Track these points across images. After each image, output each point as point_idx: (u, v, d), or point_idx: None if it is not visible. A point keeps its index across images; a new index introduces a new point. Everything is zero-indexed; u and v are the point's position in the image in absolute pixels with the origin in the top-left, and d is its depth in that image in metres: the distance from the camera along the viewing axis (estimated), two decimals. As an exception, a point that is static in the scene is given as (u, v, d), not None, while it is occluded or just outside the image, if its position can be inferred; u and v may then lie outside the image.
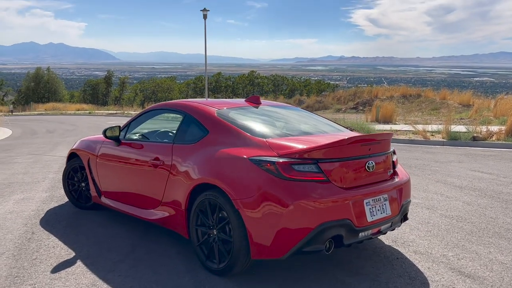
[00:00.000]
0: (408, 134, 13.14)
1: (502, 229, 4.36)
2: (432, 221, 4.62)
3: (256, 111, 4.04)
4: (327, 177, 3.04)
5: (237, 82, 56.38)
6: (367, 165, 3.24)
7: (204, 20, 26.04)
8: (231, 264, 3.16)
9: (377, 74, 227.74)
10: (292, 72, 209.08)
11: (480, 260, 3.58)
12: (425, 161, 8.59)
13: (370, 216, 3.16)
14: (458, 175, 7.09)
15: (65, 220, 4.71)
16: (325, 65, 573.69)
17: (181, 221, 3.61)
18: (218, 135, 3.52)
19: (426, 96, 28.00)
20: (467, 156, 9.12)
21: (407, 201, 3.58)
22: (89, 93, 60.14)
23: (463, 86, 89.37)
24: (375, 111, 19.74)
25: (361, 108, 27.77)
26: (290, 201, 2.92)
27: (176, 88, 59.58)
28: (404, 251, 3.80)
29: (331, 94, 36.36)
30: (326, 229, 2.95)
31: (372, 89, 32.31)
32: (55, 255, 3.71)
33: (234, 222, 3.09)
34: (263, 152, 3.15)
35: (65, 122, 25.50)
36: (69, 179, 5.23)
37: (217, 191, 3.23)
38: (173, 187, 3.67)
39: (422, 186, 6.30)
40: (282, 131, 3.65)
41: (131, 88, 62.83)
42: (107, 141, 4.61)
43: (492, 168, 7.69)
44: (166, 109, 4.32)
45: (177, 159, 3.68)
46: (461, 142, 11.19)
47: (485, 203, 5.31)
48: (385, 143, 3.44)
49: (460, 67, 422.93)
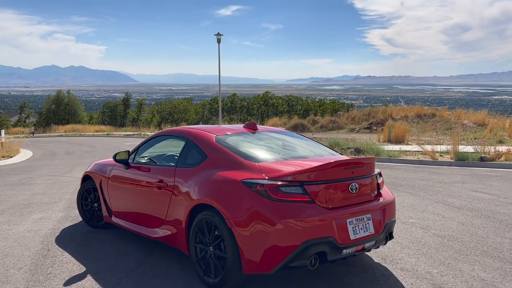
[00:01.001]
0: (417, 154, 13.28)
1: (490, 248, 4.54)
2: (424, 240, 4.82)
3: (252, 136, 4.37)
4: (312, 198, 3.32)
5: (252, 102, 57.03)
6: (350, 187, 3.52)
7: (218, 44, 26.78)
8: (225, 278, 3.44)
9: (393, 93, 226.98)
10: (308, 92, 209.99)
11: (462, 277, 3.78)
12: (429, 181, 8.75)
13: (353, 234, 3.42)
14: (459, 195, 7.25)
15: (78, 238, 5.07)
16: (340, 84, 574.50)
17: (181, 238, 3.92)
18: (215, 159, 3.86)
19: (441, 116, 27.99)
20: (472, 177, 9.24)
21: (391, 220, 3.82)
22: (107, 114, 61.59)
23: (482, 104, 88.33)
24: (387, 131, 19.87)
25: (375, 128, 27.87)
26: (277, 220, 3.21)
27: (192, 109, 60.56)
28: (391, 268, 4.02)
29: (345, 114, 36.55)
30: (310, 246, 3.22)
31: (387, 109, 32.36)
32: (67, 270, 4.05)
33: (227, 240, 3.39)
34: (254, 175, 3.46)
35: (84, 144, 26.27)
36: (83, 200, 5.62)
37: (213, 211, 3.55)
38: (175, 207, 4.00)
39: (421, 206, 6.48)
40: (275, 155, 3.96)
41: (148, 109, 64.12)
42: (118, 165, 4.98)
43: (495, 188, 7.82)
44: (170, 135, 4.69)
45: (179, 181, 4.02)
46: (469, 162, 11.29)
47: (479, 223, 5.48)
48: (368, 166, 3.71)
49: (478, 85, 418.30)
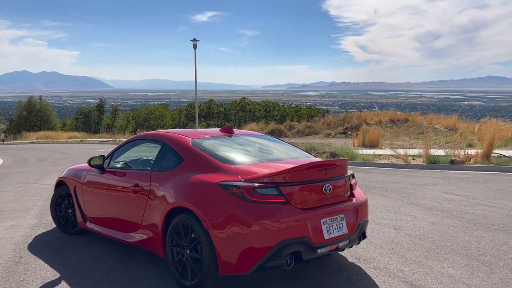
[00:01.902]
0: (390, 158, 13.56)
1: (459, 246, 4.71)
2: (396, 240, 4.95)
3: (228, 140, 4.41)
4: (287, 199, 3.39)
5: (229, 108, 57.04)
6: (324, 188, 3.60)
7: (194, 49, 26.75)
8: (202, 280, 3.46)
9: (367, 99, 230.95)
10: (284, 98, 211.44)
11: (432, 274, 3.91)
12: (402, 184, 8.96)
13: (327, 234, 3.50)
14: (430, 197, 7.46)
15: (52, 245, 4.99)
16: (316, 90, 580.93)
17: (158, 242, 3.92)
18: (191, 162, 3.88)
19: (414, 121, 28.69)
20: (443, 179, 9.51)
21: (364, 220, 3.92)
22: (81, 121, 60.50)
23: (453, 109, 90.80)
24: (361, 136, 20.21)
25: (350, 133, 28.30)
26: (253, 221, 3.26)
27: (169, 115, 60.13)
28: (365, 267, 4.12)
29: (321, 120, 37.03)
30: (286, 246, 3.28)
31: (361, 114, 32.96)
32: (41, 277, 3.99)
33: (204, 242, 3.41)
34: (230, 178, 3.50)
35: (57, 151, 25.71)
36: (57, 206, 5.53)
37: (190, 213, 3.57)
38: (151, 211, 4.00)
39: (394, 208, 6.65)
40: (251, 158, 4.01)
41: (123, 115, 63.30)
42: (92, 170, 4.94)
43: (464, 190, 8.08)
44: (146, 139, 4.69)
45: (155, 185, 4.02)
46: (440, 165, 11.61)
47: (448, 223, 5.67)
48: (341, 168, 3.81)
49: (449, 91, 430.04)
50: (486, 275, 3.88)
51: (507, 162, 11.06)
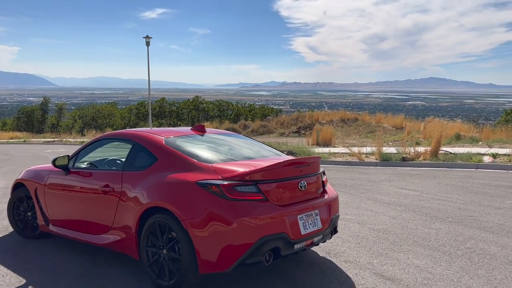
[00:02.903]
0: (345, 156, 14.00)
1: (420, 238, 4.98)
2: (362, 234, 5.16)
3: (201, 138, 4.40)
4: (265, 196, 3.45)
5: (181, 107, 56.28)
6: (300, 184, 3.70)
7: (147, 47, 26.18)
8: (181, 280, 3.44)
9: (318, 99, 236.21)
10: (237, 97, 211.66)
11: (400, 265, 4.12)
12: (359, 181, 9.29)
13: (304, 229, 3.59)
14: (387, 192, 7.80)
15: (12, 250, 4.74)
16: (268, 90, 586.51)
17: (131, 243, 3.85)
18: (166, 161, 3.84)
19: (363, 120, 29.70)
20: (396, 176, 9.96)
21: (336, 215, 4.06)
22: (23, 120, 57.32)
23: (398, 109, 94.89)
24: (315, 135, 20.69)
25: (303, 132, 28.85)
26: (233, 219, 3.29)
27: (118, 114, 58.36)
28: (335, 260, 4.27)
29: (275, 119, 37.42)
30: (265, 242, 3.33)
31: (313, 114, 33.66)
32: (5, 283, 3.79)
33: (182, 241, 3.39)
34: (208, 176, 3.50)
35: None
36: (15, 209, 5.25)
37: (167, 213, 3.53)
38: (123, 212, 3.91)
39: (355, 203, 6.90)
40: (226, 156, 4.03)
41: (69, 114, 60.70)
42: (56, 170, 4.74)
43: (417, 185, 8.51)
44: (115, 138, 4.57)
45: (127, 185, 3.93)
46: (392, 162, 12.14)
47: (408, 217, 5.97)
48: (314, 165, 3.92)
49: (394, 91, 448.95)
50: (447, 264, 4.14)
51: (453, 158, 11.76)
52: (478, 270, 3.99)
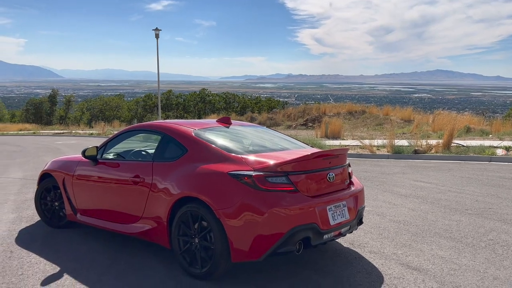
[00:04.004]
0: (356, 148, 14.03)
1: (441, 230, 5.03)
2: (383, 226, 5.22)
3: (228, 130, 4.46)
4: (296, 187, 3.51)
5: (188, 99, 56.34)
6: (328, 176, 3.76)
7: (156, 39, 26.22)
8: (213, 268, 3.53)
9: (323, 91, 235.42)
10: (242, 89, 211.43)
11: (424, 256, 4.18)
12: (373, 173, 9.34)
13: (333, 220, 3.66)
14: (402, 185, 7.85)
15: (41, 239, 4.85)
16: (273, 82, 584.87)
17: (162, 233, 3.93)
18: (196, 153, 3.91)
19: (371, 113, 29.61)
20: (410, 168, 9.99)
21: (362, 207, 4.13)
22: (31, 112, 57.65)
23: (404, 102, 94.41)
24: (324, 127, 20.68)
25: (311, 125, 28.84)
26: (265, 209, 3.36)
27: (125, 106, 58.57)
28: (360, 251, 4.34)
29: (282, 111, 37.37)
30: (296, 232, 3.41)
31: (320, 106, 33.59)
32: (40, 270, 3.89)
33: (215, 230, 3.47)
34: (240, 167, 3.57)
35: (9, 143, 24.42)
36: (42, 199, 5.36)
37: (199, 203, 3.61)
38: (154, 202, 3.99)
39: (372, 195, 6.95)
40: (254, 148, 4.10)
41: (77, 106, 60.99)
42: (84, 161, 4.83)
43: (432, 178, 8.54)
44: (143, 130, 4.65)
45: (157, 176, 4.01)
46: (404, 155, 12.16)
47: (427, 209, 6.02)
48: (342, 157, 3.98)
49: (400, 84, 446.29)
50: (472, 255, 4.19)
51: (465, 151, 11.76)
52: (503, 261, 4.04)
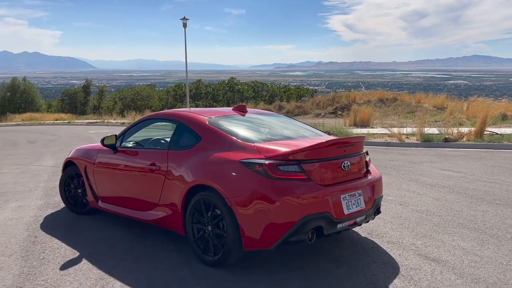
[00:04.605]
0: (384, 137, 13.74)
1: (465, 220, 4.86)
2: (404, 215, 5.09)
3: (243, 118, 4.44)
4: (308, 176, 3.46)
5: (217, 88, 56.62)
6: (343, 164, 3.68)
7: (184, 29, 26.36)
8: (226, 255, 3.54)
9: (354, 78, 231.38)
10: (271, 78, 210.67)
11: (445, 247, 4.05)
12: (400, 162, 9.12)
13: (347, 209, 3.59)
14: (429, 174, 7.63)
15: (64, 225, 5.01)
16: (303, 70, 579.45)
17: (177, 220, 3.97)
18: (210, 141, 3.91)
19: (402, 100, 28.88)
20: (439, 157, 9.70)
21: (379, 196, 4.03)
22: (67, 102, 59.47)
23: (439, 89, 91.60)
24: (353, 115, 20.35)
25: (340, 113, 28.44)
26: (277, 198, 3.33)
27: (156, 95, 59.49)
28: (378, 241, 4.25)
29: (311, 100, 36.99)
30: (308, 221, 3.36)
31: (350, 94, 33.03)
32: (61, 255, 4.02)
33: (227, 218, 3.48)
34: (251, 155, 3.54)
35: (45, 132, 25.35)
36: (66, 186, 5.52)
37: (211, 191, 3.61)
38: (169, 190, 4.03)
39: (396, 184, 6.79)
40: (267, 136, 4.05)
41: (110, 96, 62.43)
42: (104, 149, 4.93)
43: (461, 167, 8.26)
44: (159, 118, 4.69)
45: (172, 164, 4.04)
46: (434, 143, 11.81)
47: (452, 199, 5.83)
48: (358, 145, 3.88)
49: (435, 70, 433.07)
50: (496, 247, 4.03)
51: (499, 139, 11.29)
52: (529, 253, 3.87)
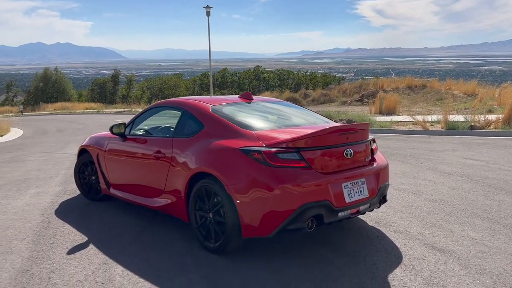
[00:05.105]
0: (408, 124, 13.43)
1: (479, 210, 4.70)
2: (416, 204, 4.97)
3: (248, 106, 4.41)
4: (308, 164, 3.41)
5: (243, 77, 56.65)
6: (345, 152, 3.61)
7: (207, 17, 26.39)
8: (226, 242, 3.55)
9: (384, 65, 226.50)
10: (299, 65, 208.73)
11: (453, 237, 3.94)
12: (420, 150, 8.90)
13: (348, 197, 3.53)
14: (450, 162, 7.41)
15: (78, 211, 5.15)
16: (331, 57, 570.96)
17: (181, 207, 4.01)
18: (212, 128, 3.91)
19: (432, 87, 28.09)
20: (462, 145, 9.41)
21: (384, 184, 3.94)
22: (96, 92, 60.87)
23: (472, 75, 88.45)
24: (378, 103, 19.97)
25: (366, 101, 27.94)
26: (275, 185, 3.31)
27: (183, 85, 60.05)
28: (385, 230, 4.17)
29: (337, 87, 36.49)
30: (307, 209, 3.33)
31: (378, 81, 32.40)
32: (70, 240, 4.14)
33: (227, 206, 3.48)
34: (251, 143, 3.53)
35: (75, 121, 26.11)
36: (80, 173, 5.66)
37: (212, 178, 3.63)
38: (174, 177, 4.07)
39: (412, 173, 6.63)
40: (270, 124, 4.02)
41: (138, 86, 63.46)
42: (114, 137, 5.02)
43: (484, 155, 7.99)
44: (166, 106, 4.72)
45: (177, 151, 4.08)
46: (459, 131, 11.47)
47: (469, 188, 5.65)
48: (362, 132, 3.80)
49: (469, 56, 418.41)
50: (507, 237, 3.89)
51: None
52: (541, 245, 3.71)
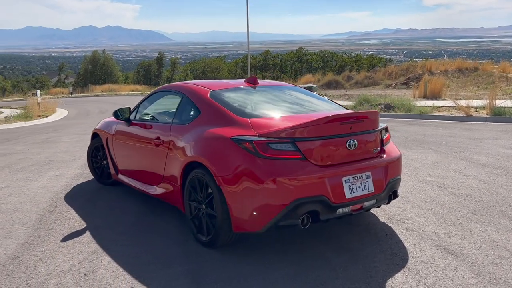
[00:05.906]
0: (450, 110, 12.62)
1: (509, 208, 4.22)
2: (438, 199, 4.55)
3: (251, 91, 4.14)
4: (304, 155, 3.12)
5: (285, 59, 55.72)
6: (348, 143, 3.28)
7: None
8: (216, 236, 3.36)
9: (436, 47, 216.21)
10: (345, 47, 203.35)
11: (472, 238, 3.53)
12: (458, 138, 8.28)
13: (349, 193, 3.22)
14: (487, 152, 6.81)
15: (87, 195, 5.13)
16: (380, 38, 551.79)
17: (177, 196, 3.85)
18: (208, 115, 3.69)
19: (484, 70, 26.34)
20: (506, 133, 8.67)
21: (395, 178, 3.57)
22: (142, 74, 62.22)
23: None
24: (423, 86, 18.96)
25: (412, 84, 26.64)
26: (265, 177, 3.05)
27: (225, 67, 60.09)
28: (396, 228, 3.82)
29: (382, 69, 35.09)
30: (301, 205, 3.05)
31: (426, 63, 30.81)
32: (68, 226, 4.10)
33: (217, 198, 3.28)
34: (244, 132, 3.28)
35: (118, 103, 26.71)
36: (93, 157, 5.65)
37: (204, 168, 3.42)
38: (171, 164, 3.91)
39: (443, 164, 6.13)
40: (270, 111, 3.73)
41: (182, 68, 64.24)
42: (121, 122, 4.92)
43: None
44: (167, 91, 4.54)
45: (174, 138, 3.90)
46: (506, 118, 10.62)
47: (502, 182, 5.12)
48: (369, 121, 3.44)
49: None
50: (535, 242, 3.44)
51: None
52: None
